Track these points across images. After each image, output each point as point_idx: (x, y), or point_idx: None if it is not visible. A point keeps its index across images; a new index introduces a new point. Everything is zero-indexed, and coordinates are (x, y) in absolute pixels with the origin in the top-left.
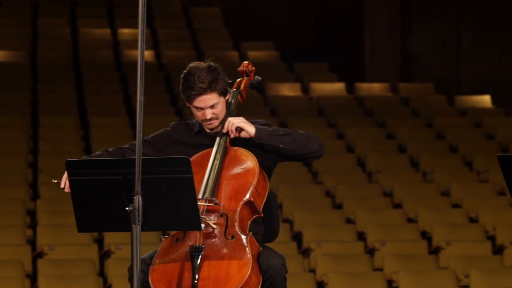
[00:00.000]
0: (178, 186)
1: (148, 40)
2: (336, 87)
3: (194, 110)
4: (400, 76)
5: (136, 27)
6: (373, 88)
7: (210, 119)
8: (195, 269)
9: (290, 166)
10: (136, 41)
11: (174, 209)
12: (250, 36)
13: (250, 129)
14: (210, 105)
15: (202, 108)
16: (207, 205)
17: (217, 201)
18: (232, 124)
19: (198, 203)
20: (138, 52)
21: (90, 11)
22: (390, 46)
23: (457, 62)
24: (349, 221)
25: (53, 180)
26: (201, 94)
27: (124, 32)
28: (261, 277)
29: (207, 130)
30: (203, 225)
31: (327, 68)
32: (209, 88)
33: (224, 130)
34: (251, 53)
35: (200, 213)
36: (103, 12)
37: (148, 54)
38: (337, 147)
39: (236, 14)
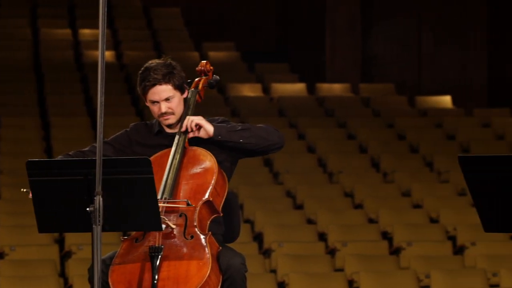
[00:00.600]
0: (139, 187)
1: (108, 41)
2: (297, 88)
3: (151, 106)
4: (361, 76)
5: (97, 27)
6: (334, 88)
7: (166, 113)
8: (155, 270)
9: (251, 167)
10: (97, 41)
11: (135, 210)
12: (211, 36)
13: (208, 127)
14: (164, 97)
15: (157, 102)
16: (166, 205)
17: (190, 203)
18: (192, 121)
19: None
20: (99, 53)
21: (50, 11)
22: (351, 46)
23: (417, 62)
24: (310, 221)
25: (22, 189)
26: (155, 84)
27: (85, 32)
28: (221, 277)
29: (166, 130)
30: (164, 226)
31: (288, 68)
32: (163, 80)
33: (183, 128)
34: (211, 54)
35: None
36: (64, 12)
37: (109, 54)
38: (298, 147)
39: (197, 15)
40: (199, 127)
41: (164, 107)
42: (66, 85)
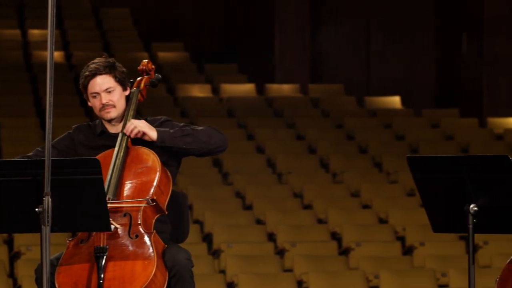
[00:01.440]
0: (88, 187)
1: (58, 41)
2: (246, 88)
3: (92, 101)
4: (310, 77)
5: (46, 28)
6: (283, 89)
7: (107, 105)
8: (100, 270)
9: (200, 167)
10: (46, 42)
11: (84, 210)
12: (160, 36)
13: (152, 134)
14: (105, 88)
15: (97, 93)
16: (110, 206)
17: (150, 201)
18: (135, 128)
19: None
20: (48, 53)
21: None
22: (300, 47)
23: (367, 63)
24: (259, 222)
25: None
26: (95, 74)
27: (34, 33)
28: (167, 274)
29: (110, 130)
30: (112, 226)
31: (237, 69)
32: (104, 70)
33: (126, 132)
34: (161, 54)
35: None
36: (13, 13)
37: (58, 55)
38: (247, 148)
39: (146, 15)
40: (142, 133)
41: (105, 98)
42: (15, 86)
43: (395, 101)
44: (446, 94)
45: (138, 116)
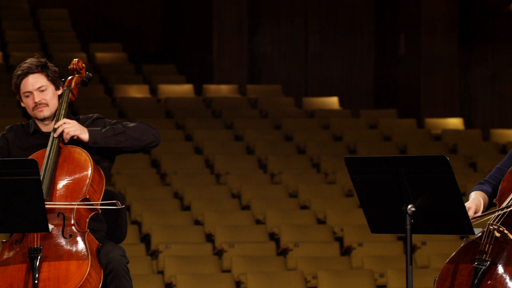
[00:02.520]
0: (26, 188)
1: None
2: (184, 89)
3: (25, 101)
4: (248, 77)
5: None
6: (221, 89)
7: (40, 104)
8: (35, 271)
9: (138, 168)
10: None
11: (22, 211)
12: (98, 37)
13: (84, 136)
14: (37, 87)
15: (30, 92)
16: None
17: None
18: (66, 133)
19: None
20: None
21: None
22: (238, 47)
23: (304, 64)
24: (197, 222)
25: None
26: (27, 73)
27: None
28: (102, 273)
29: (42, 129)
30: (51, 226)
31: (175, 69)
32: (36, 69)
33: (56, 135)
34: (99, 55)
35: None
36: None
37: None
38: (185, 148)
39: (84, 16)
40: (76, 137)
41: (37, 97)
42: None
43: (333, 102)
44: (384, 95)
45: (70, 115)
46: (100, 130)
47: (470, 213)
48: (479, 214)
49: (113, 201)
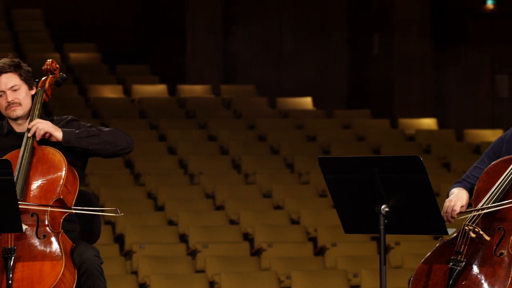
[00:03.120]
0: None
1: None
2: (158, 89)
3: None
4: (222, 78)
5: None
6: (195, 90)
7: (13, 103)
8: (9, 271)
9: (112, 168)
10: None
11: None
12: (73, 37)
13: (57, 134)
14: (10, 86)
15: (3, 92)
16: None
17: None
18: (40, 129)
19: None
20: None
21: None
22: (212, 47)
23: (278, 64)
24: (171, 223)
25: None
26: (0, 73)
27: None
28: (76, 273)
29: (16, 129)
30: (25, 227)
31: (149, 70)
32: (9, 69)
33: (30, 134)
34: (72, 55)
35: None
36: None
37: None
38: (159, 149)
39: (58, 16)
40: (48, 135)
41: (10, 96)
42: None
43: (307, 102)
44: (358, 95)
45: (44, 116)
46: (74, 131)
47: (457, 206)
48: (464, 209)
49: (114, 208)
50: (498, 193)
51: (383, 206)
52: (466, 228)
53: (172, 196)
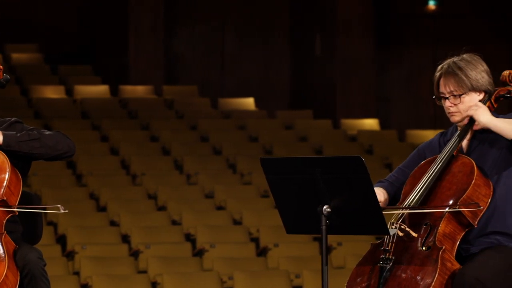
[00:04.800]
0: None
1: None
2: (100, 90)
3: None
4: (164, 78)
5: None
6: (137, 90)
7: None
8: None
9: (54, 169)
10: None
11: None
12: (14, 38)
13: None
14: None
15: None
16: None
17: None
18: None
19: None
20: None
21: None
22: (154, 48)
23: (221, 64)
24: (113, 223)
25: None
26: None
27: None
28: (19, 274)
29: None
30: None
31: (91, 70)
32: None
33: None
34: (14, 55)
35: None
36: None
37: None
38: (101, 149)
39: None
40: None
41: None
42: None
43: (249, 102)
44: (300, 95)
45: None
46: (15, 134)
47: None
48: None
49: (58, 206)
50: (422, 190)
51: (325, 207)
52: (393, 227)
53: (114, 196)
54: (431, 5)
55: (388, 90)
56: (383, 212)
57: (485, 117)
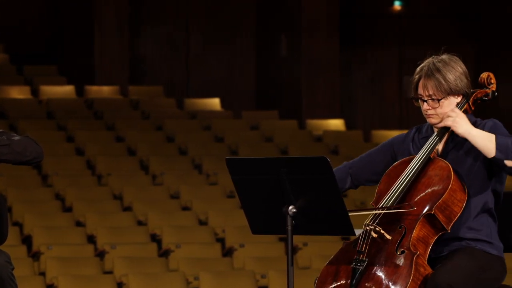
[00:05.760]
0: None
1: None
2: (66, 90)
3: None
4: (130, 79)
5: None
6: (103, 91)
7: None
8: None
9: (19, 169)
10: None
11: None
12: None
13: None
14: None
15: None
16: None
17: None
18: None
19: None
20: None
21: None
22: (120, 48)
23: (186, 65)
24: (78, 224)
25: None
26: None
27: None
28: None
29: None
30: None
31: (57, 71)
32: None
33: None
34: None
35: None
36: None
37: None
38: (66, 150)
39: None
40: None
41: None
42: None
43: (215, 103)
44: (266, 96)
45: None
46: None
47: None
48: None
49: None
50: (398, 192)
51: (290, 207)
52: (368, 228)
53: (80, 197)
54: (397, 5)
55: (354, 90)
56: (358, 214)
57: (462, 128)
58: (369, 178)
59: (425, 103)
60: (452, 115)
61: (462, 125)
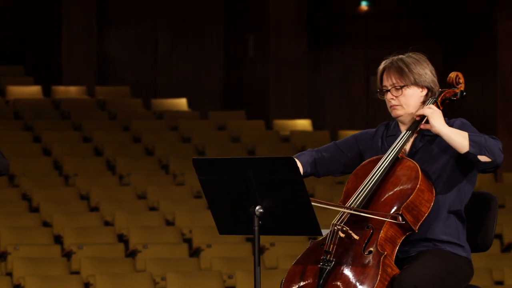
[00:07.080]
0: None
1: None
2: (33, 90)
3: None
4: (97, 79)
5: None
6: (70, 91)
7: None
8: None
9: None
10: None
11: None
12: None
13: None
14: None
15: None
16: None
17: None
18: None
19: None
20: None
21: None
22: (87, 48)
23: (153, 65)
24: (45, 224)
25: None
26: None
27: None
28: None
29: None
30: None
31: (23, 71)
32: None
33: None
34: None
35: None
36: None
37: None
38: (33, 150)
39: None
40: None
41: None
42: None
43: (182, 103)
44: (233, 96)
45: None
46: None
47: None
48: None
49: None
50: (366, 192)
51: (257, 207)
52: (335, 228)
53: (47, 197)
54: (363, 5)
55: (321, 90)
56: (326, 207)
57: (438, 122)
58: (335, 169)
59: (388, 93)
60: (429, 109)
61: (439, 119)
